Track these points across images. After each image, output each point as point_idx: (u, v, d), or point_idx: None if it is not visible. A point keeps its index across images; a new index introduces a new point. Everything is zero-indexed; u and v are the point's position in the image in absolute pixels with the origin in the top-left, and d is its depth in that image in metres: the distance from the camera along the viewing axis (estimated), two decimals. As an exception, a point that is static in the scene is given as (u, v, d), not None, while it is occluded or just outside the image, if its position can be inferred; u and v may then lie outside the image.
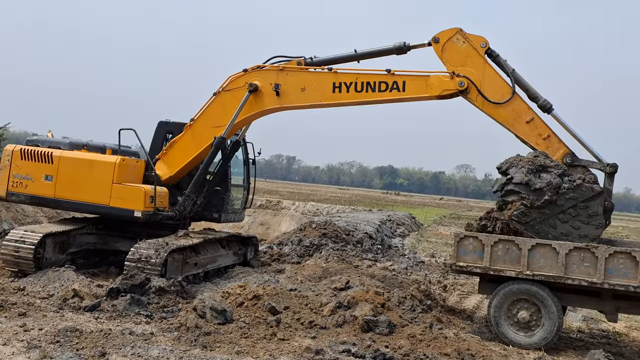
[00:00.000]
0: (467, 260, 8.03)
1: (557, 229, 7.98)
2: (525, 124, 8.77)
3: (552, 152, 8.60)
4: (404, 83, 9.39)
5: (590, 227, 7.93)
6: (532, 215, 7.98)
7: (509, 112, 8.83)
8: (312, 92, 9.93)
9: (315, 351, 6.55)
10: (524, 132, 8.79)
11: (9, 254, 9.29)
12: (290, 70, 10.12)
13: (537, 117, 8.76)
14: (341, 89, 9.73)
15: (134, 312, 7.62)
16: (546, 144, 8.67)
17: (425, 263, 15.45)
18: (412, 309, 8.93)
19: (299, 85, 9.99)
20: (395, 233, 21.71)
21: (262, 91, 10.21)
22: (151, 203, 9.76)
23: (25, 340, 6.11)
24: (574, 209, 7.96)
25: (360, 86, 9.61)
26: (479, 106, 9.03)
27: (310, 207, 32.45)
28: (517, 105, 8.82)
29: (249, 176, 12.63)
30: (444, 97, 9.34)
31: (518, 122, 8.81)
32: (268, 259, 13.39)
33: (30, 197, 10.20)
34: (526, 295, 7.80)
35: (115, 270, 10.32)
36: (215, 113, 10.55)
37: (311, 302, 8.49)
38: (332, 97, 9.81)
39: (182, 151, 10.76)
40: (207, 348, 6.45)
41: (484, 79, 8.99)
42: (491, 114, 8.93)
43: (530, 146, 8.78)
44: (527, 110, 8.79)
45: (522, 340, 7.76)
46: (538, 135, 8.72)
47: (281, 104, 10.17)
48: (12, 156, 10.19)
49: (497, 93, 8.90)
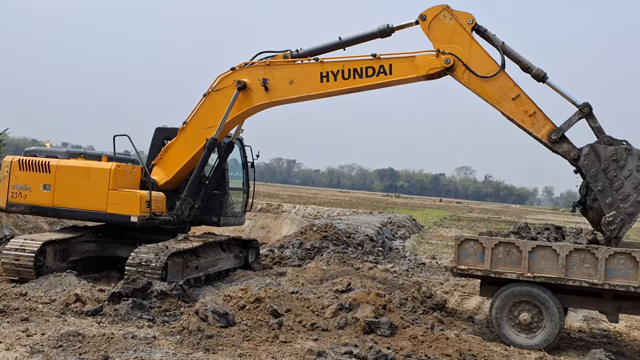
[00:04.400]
0: (468, 264, 8.03)
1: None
2: (511, 100, 8.70)
3: (537, 129, 8.56)
4: (390, 66, 9.39)
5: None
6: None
7: (495, 89, 8.79)
8: (300, 84, 9.94)
9: (318, 353, 6.57)
10: (509, 109, 8.71)
11: (10, 262, 9.32)
12: (277, 64, 10.13)
13: (524, 94, 8.70)
14: (329, 78, 9.73)
15: (136, 316, 7.63)
16: (532, 120, 8.62)
17: (426, 265, 15.48)
18: (413, 311, 8.95)
19: (287, 78, 10.00)
20: (396, 235, 21.72)
21: (250, 88, 10.22)
22: (147, 208, 9.80)
23: (28, 345, 6.12)
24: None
25: (347, 73, 9.61)
26: (465, 83, 9.00)
27: (311, 210, 32.44)
28: (503, 81, 8.77)
29: (248, 179, 12.65)
30: (431, 77, 9.34)
31: (504, 99, 8.74)
32: (269, 262, 13.42)
33: (30, 207, 10.28)
34: (528, 298, 7.81)
35: (116, 275, 10.35)
36: (206, 114, 10.57)
37: (313, 305, 8.51)
38: (321, 86, 9.81)
39: (176, 155, 10.78)
40: (209, 351, 6.47)
41: (470, 55, 8.97)
42: (477, 91, 8.90)
43: (516, 124, 8.73)
44: (514, 87, 8.73)
45: (523, 342, 7.77)
46: (524, 112, 8.65)
47: (270, 99, 10.17)
48: (10, 167, 10.27)
49: (484, 69, 8.86)
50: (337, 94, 9.98)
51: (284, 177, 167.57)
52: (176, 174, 10.79)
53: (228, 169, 11.62)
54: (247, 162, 12.58)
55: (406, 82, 9.56)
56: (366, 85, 9.64)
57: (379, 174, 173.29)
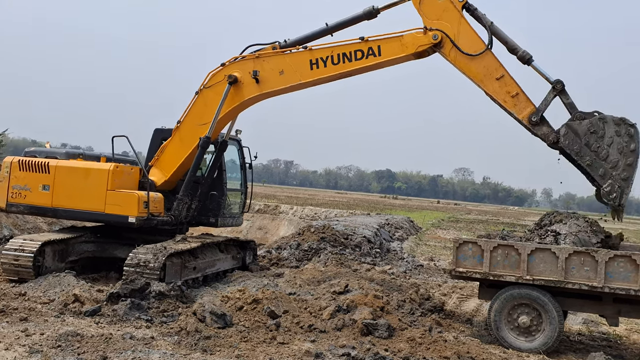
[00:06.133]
0: (466, 266, 8.02)
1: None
2: (495, 80, 8.74)
3: (519, 110, 8.62)
4: (379, 47, 9.40)
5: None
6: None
7: (480, 68, 8.83)
8: (290, 74, 9.95)
9: (315, 354, 6.57)
10: (493, 89, 8.76)
11: (9, 262, 9.32)
12: (266, 56, 10.14)
13: (508, 75, 8.74)
14: (318, 65, 9.75)
15: (134, 317, 7.62)
16: (514, 101, 8.66)
17: (424, 267, 15.48)
18: (411, 313, 8.95)
19: (277, 68, 10.02)
20: (393, 237, 21.73)
21: (241, 81, 10.22)
22: (145, 209, 9.78)
23: (27, 345, 6.11)
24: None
25: (337, 58, 9.62)
26: (451, 61, 9.02)
27: (308, 212, 32.46)
28: (489, 61, 8.82)
29: (246, 180, 12.62)
30: (420, 55, 9.38)
31: (488, 78, 8.79)
32: (267, 263, 13.41)
33: (29, 207, 10.30)
34: (527, 300, 7.80)
35: (115, 275, 10.32)
36: (199, 112, 10.56)
37: (310, 306, 8.50)
38: (311, 74, 9.82)
39: (172, 155, 10.77)
40: (207, 352, 6.46)
41: (458, 33, 9.00)
42: (463, 69, 8.94)
43: (498, 104, 8.77)
44: (499, 67, 8.78)
45: (522, 345, 7.76)
46: (506, 93, 8.69)
47: (261, 91, 10.17)
48: (10, 167, 10.30)
49: (471, 48, 8.90)
50: (329, 80, 9.98)
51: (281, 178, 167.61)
52: (173, 174, 10.77)
53: (226, 170, 11.57)
54: (245, 162, 12.55)
55: (396, 62, 9.57)
56: (356, 69, 9.62)
57: (377, 176, 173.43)
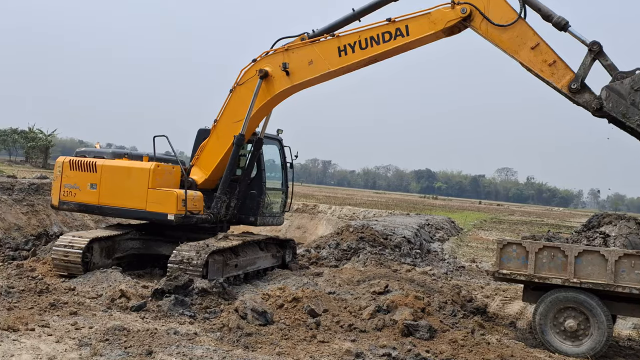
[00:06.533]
0: (510, 268, 7.87)
1: None
2: (530, 50, 8.43)
3: (557, 79, 8.29)
4: (406, 27, 9.24)
5: None
6: None
7: (514, 38, 8.54)
8: (319, 63, 9.93)
9: (356, 354, 6.57)
10: (528, 58, 8.44)
11: (59, 258, 9.66)
12: (295, 47, 10.19)
13: (543, 43, 8.42)
14: (346, 51, 9.66)
15: (178, 313, 7.79)
16: (551, 70, 8.33)
17: (466, 268, 15.25)
18: (453, 314, 8.84)
19: (306, 59, 10.02)
20: (434, 237, 21.49)
21: (272, 75, 10.29)
22: (183, 207, 9.97)
23: (77, 338, 6.33)
24: None
25: (364, 43, 9.51)
26: (483, 34, 8.80)
27: (347, 211, 32.41)
28: (522, 30, 8.52)
29: (287, 179, 12.63)
30: (451, 32, 9.17)
31: (522, 48, 8.48)
32: (306, 262, 13.47)
33: (79, 205, 10.73)
34: (573, 304, 7.58)
35: (159, 272, 10.57)
36: (234, 109, 10.67)
37: (350, 306, 8.51)
38: (340, 61, 9.76)
39: (210, 154, 10.93)
40: (249, 348, 6.54)
41: (488, 4, 8.77)
42: (495, 42, 8.69)
43: (534, 74, 8.45)
44: (533, 36, 8.47)
45: (568, 350, 7.55)
46: (543, 62, 8.37)
47: (292, 83, 10.20)
48: (62, 167, 10.77)
49: (502, 18, 8.65)
50: (358, 66, 9.87)
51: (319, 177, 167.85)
52: (212, 173, 10.91)
53: (265, 169, 11.59)
54: (286, 162, 12.58)
55: (426, 40, 9.36)
56: (385, 52, 9.49)
57: (416, 175, 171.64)
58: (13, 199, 13.83)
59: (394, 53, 9.64)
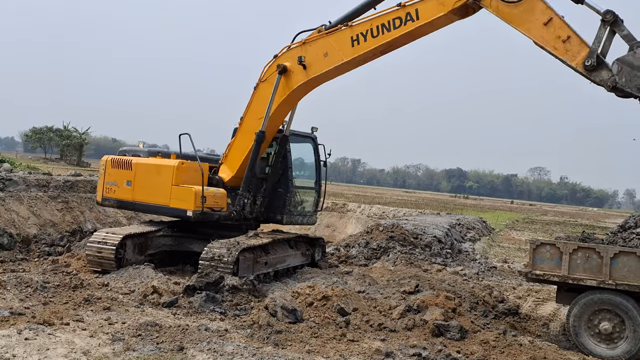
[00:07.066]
0: (543, 269, 7.71)
1: None
2: (543, 26, 7.84)
3: (572, 56, 7.65)
4: (416, 11, 9.03)
5: None
6: None
7: (525, 14, 8.06)
8: (334, 54, 9.85)
9: (385, 353, 6.53)
10: (541, 35, 7.87)
11: (93, 254, 9.91)
12: (311, 40, 10.15)
13: (557, 17, 7.87)
14: (359, 41, 9.52)
15: (209, 309, 7.89)
16: (565, 47, 7.70)
17: (498, 268, 15.02)
18: (484, 315, 8.72)
19: (322, 51, 9.96)
20: (465, 237, 21.20)
21: (291, 70, 10.27)
22: (202, 203, 10.07)
23: (110, 333, 6.46)
24: None
25: (376, 30, 9.34)
26: (494, 12, 8.42)
27: (376, 210, 32.26)
28: (533, 4, 8.01)
29: (320, 178, 12.49)
30: (464, 13, 8.87)
31: (534, 24, 7.96)
32: (335, 260, 13.47)
33: (117, 202, 11.12)
34: (608, 306, 7.39)
35: (190, 268, 10.72)
36: (258, 106, 10.70)
37: (380, 305, 8.47)
38: (352, 51, 9.64)
39: (237, 151, 11.00)
40: (279, 346, 6.57)
41: None
42: (506, 19, 8.26)
43: (548, 51, 7.88)
44: (545, 10, 7.94)
45: (603, 352, 7.37)
46: (556, 38, 7.75)
47: (308, 76, 10.15)
48: (105, 165, 11.21)
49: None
50: (371, 55, 9.69)
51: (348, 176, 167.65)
52: (238, 170, 10.96)
53: (292, 167, 11.48)
54: (319, 160, 12.41)
55: (438, 24, 9.08)
56: (396, 38, 9.26)
57: (447, 174, 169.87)
58: (48, 196, 14.19)
59: (406, 39, 9.39)
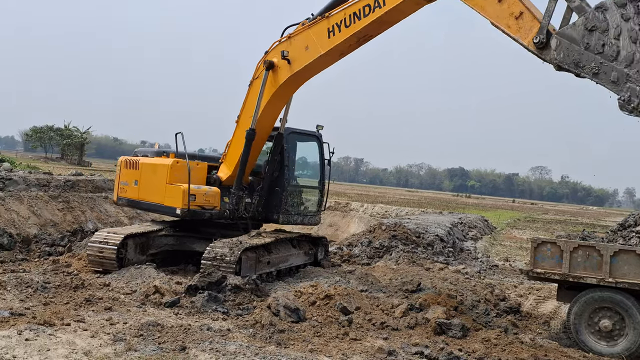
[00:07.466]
0: (544, 267, 7.73)
1: None
2: (497, 3, 7.36)
3: (524, 34, 7.13)
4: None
5: None
6: None
7: None
8: (313, 47, 9.76)
9: (388, 352, 6.56)
10: (494, 13, 7.39)
11: (94, 254, 9.93)
12: (295, 34, 10.09)
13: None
14: (334, 32, 9.42)
15: (211, 309, 7.91)
16: (518, 25, 7.17)
17: (499, 267, 15.03)
18: (486, 313, 8.74)
19: (303, 45, 9.89)
20: (467, 236, 21.20)
21: (278, 66, 10.22)
22: (192, 201, 10.11)
23: (112, 333, 6.48)
24: None
25: (349, 20, 9.22)
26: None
27: (379, 209, 32.24)
28: None
29: (324, 177, 12.31)
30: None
31: (489, 1, 7.47)
32: (338, 259, 13.49)
33: (128, 201, 11.27)
34: (609, 304, 7.41)
35: (192, 268, 10.73)
36: (252, 104, 10.67)
37: (382, 304, 8.49)
38: (329, 42, 9.53)
39: (234, 150, 10.99)
40: (281, 345, 6.59)
41: None
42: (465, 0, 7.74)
43: (502, 30, 7.38)
44: None
45: (603, 350, 7.39)
46: (510, 15, 7.23)
47: (292, 71, 10.07)
48: (120, 166, 11.39)
49: None
50: (348, 46, 9.47)
51: (351, 175, 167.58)
52: (235, 169, 10.91)
53: (289, 165, 11.29)
54: (324, 159, 12.25)
55: (404, 9, 8.72)
56: (365, 27, 9.06)
57: (449, 174, 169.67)
58: (49, 196, 14.19)
59: (376, 28, 9.20)
